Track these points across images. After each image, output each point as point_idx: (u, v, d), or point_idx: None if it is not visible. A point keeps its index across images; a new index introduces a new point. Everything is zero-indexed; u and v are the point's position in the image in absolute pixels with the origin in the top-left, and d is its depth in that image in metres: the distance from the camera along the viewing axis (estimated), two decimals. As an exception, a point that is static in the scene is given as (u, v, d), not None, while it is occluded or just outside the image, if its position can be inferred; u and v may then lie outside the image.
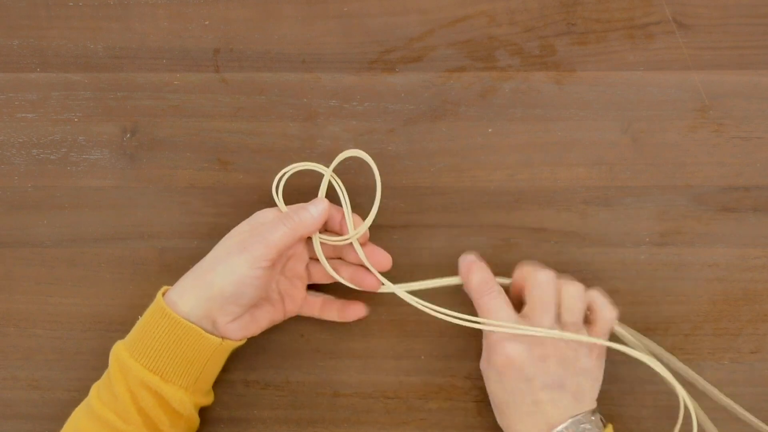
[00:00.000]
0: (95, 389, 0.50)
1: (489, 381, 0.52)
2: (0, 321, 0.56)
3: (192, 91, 0.58)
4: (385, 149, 0.57)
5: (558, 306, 0.50)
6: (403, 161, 0.57)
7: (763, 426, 0.53)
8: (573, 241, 0.56)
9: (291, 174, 0.54)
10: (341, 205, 0.53)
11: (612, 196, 0.57)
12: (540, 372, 0.49)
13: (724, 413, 0.54)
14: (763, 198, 0.56)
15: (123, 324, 0.54)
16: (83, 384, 0.52)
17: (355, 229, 0.52)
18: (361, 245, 0.53)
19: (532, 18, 0.58)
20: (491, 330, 0.50)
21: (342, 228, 0.53)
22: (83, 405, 0.50)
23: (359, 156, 0.54)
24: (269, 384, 0.56)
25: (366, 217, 0.53)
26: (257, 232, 0.50)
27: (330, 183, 0.54)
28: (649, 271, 0.56)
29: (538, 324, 0.49)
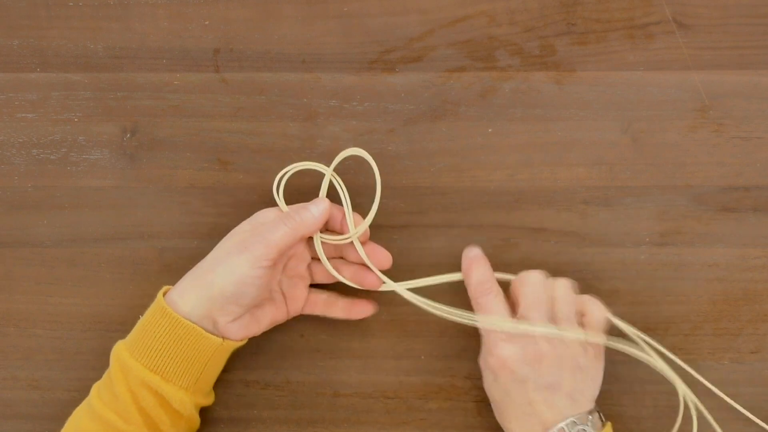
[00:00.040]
0: (96, 389, 0.50)
1: (486, 380, 0.52)
2: (0, 321, 0.56)
3: (192, 91, 0.58)
4: (385, 149, 0.57)
5: (551, 304, 0.51)
6: (403, 161, 0.57)
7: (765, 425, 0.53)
8: (573, 241, 0.56)
9: (291, 174, 0.54)
10: (341, 205, 0.53)
11: (612, 196, 0.57)
12: (534, 373, 0.49)
13: (725, 413, 0.54)
14: (763, 198, 0.57)
15: (123, 324, 0.54)
16: (83, 384, 0.52)
17: (356, 228, 0.52)
18: (362, 244, 0.53)
19: (532, 18, 0.58)
20: (490, 328, 0.50)
21: (343, 227, 0.53)
22: (84, 405, 0.50)
23: (359, 155, 0.54)
24: (269, 384, 0.56)
25: (366, 216, 0.53)
26: (258, 231, 0.50)
27: (329, 183, 0.54)
28: (649, 271, 0.56)
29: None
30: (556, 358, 0.49)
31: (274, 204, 0.53)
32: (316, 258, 0.54)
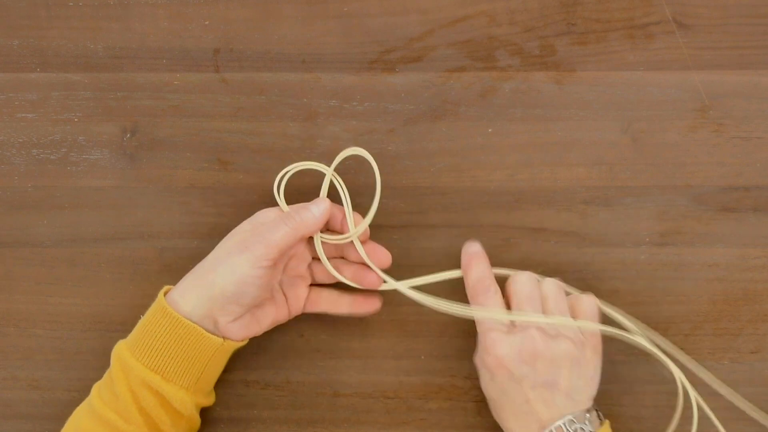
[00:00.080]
0: (96, 389, 0.50)
1: (482, 379, 0.52)
2: (0, 321, 0.56)
3: (192, 91, 0.58)
4: (385, 149, 0.57)
5: (542, 301, 0.51)
6: (403, 161, 0.57)
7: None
8: (573, 241, 0.56)
9: (291, 174, 0.54)
10: (341, 204, 0.53)
11: (612, 196, 0.57)
12: (530, 372, 0.49)
13: (725, 413, 0.54)
14: (763, 198, 0.57)
15: (123, 324, 0.54)
16: (83, 384, 0.52)
17: (356, 228, 0.52)
18: (362, 243, 0.53)
19: (532, 18, 0.58)
20: (489, 318, 0.51)
21: (343, 227, 0.53)
22: (84, 404, 0.50)
23: (360, 154, 0.54)
24: (269, 384, 0.56)
25: (366, 216, 0.53)
26: (258, 231, 0.50)
27: (329, 183, 0.54)
28: (649, 271, 0.56)
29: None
30: (552, 356, 0.49)
31: (274, 204, 0.53)
32: (316, 258, 0.54)
